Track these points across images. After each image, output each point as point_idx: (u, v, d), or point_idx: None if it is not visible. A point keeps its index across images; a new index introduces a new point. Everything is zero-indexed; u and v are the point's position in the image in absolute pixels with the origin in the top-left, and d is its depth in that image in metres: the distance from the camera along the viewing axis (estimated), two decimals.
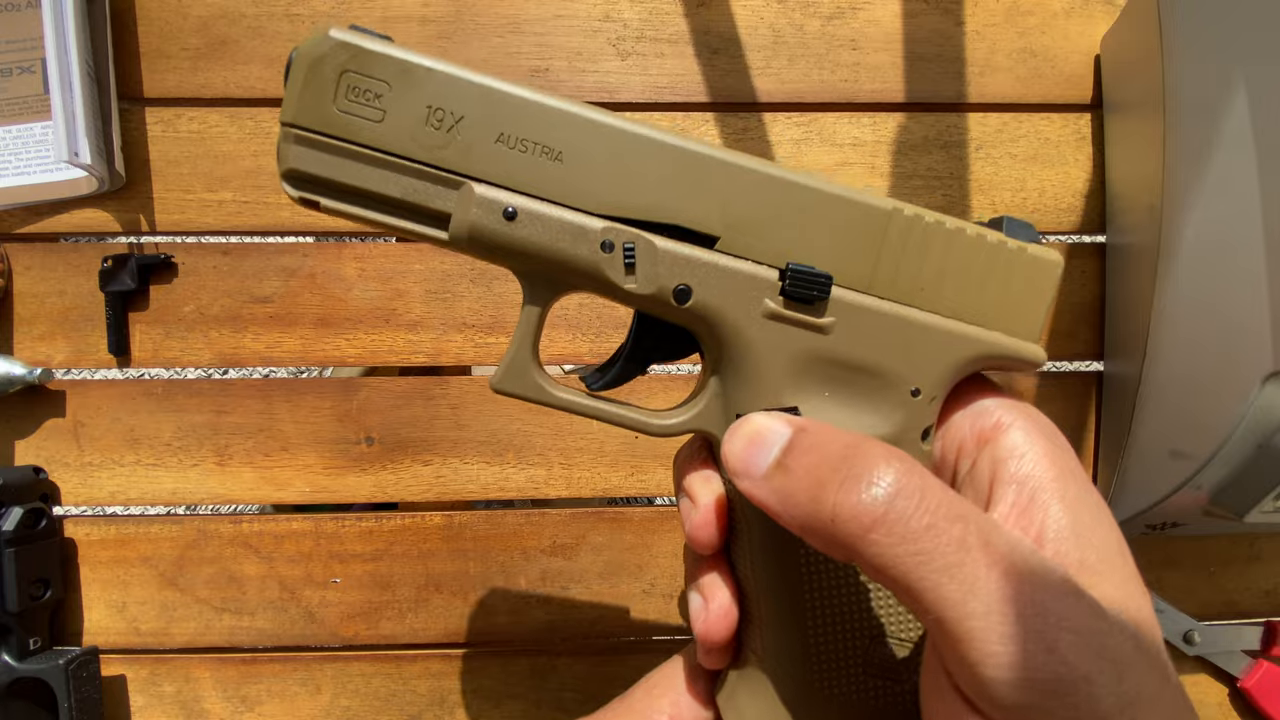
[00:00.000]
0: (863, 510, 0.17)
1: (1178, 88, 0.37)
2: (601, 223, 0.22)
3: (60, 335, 0.42)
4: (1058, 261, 0.24)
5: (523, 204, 0.21)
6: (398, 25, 0.43)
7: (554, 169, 0.21)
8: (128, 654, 0.42)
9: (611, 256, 0.22)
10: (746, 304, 0.22)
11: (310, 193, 0.21)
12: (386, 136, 0.21)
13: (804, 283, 0.22)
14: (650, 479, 0.42)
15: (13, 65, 0.41)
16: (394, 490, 0.42)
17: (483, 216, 0.21)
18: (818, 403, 0.23)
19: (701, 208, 0.22)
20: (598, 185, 0.21)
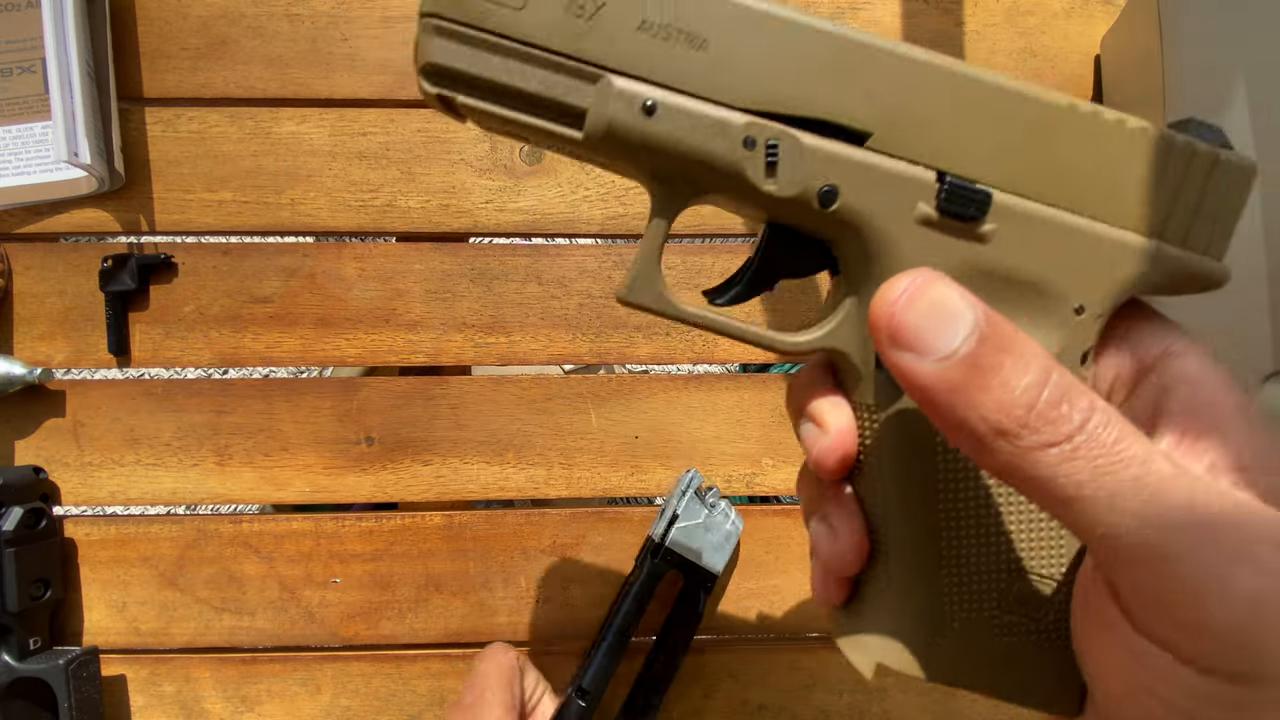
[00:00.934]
0: (1056, 434, 0.16)
1: (1178, 88, 0.37)
2: (745, 117, 0.20)
3: (60, 335, 0.42)
4: (1251, 168, 0.21)
5: (663, 98, 0.20)
6: (398, 25, 0.43)
7: (697, 59, 0.20)
8: (128, 654, 0.42)
9: (753, 154, 0.20)
10: (898, 208, 0.20)
11: (448, 89, 0.21)
12: (527, 25, 0.20)
13: (961, 199, 0.20)
14: (650, 479, 0.42)
15: (13, 65, 0.41)
16: (394, 490, 0.42)
17: (621, 111, 0.20)
18: None
19: (854, 101, 0.20)
20: (743, 76, 0.20)
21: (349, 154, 0.42)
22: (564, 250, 0.43)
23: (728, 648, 0.43)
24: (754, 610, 0.43)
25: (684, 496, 0.39)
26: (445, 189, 0.43)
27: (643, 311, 0.23)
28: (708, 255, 0.43)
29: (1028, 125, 0.21)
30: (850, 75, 0.20)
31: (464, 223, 0.43)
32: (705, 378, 0.43)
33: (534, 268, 0.43)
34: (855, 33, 0.20)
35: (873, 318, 0.18)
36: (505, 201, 0.43)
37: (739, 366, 0.66)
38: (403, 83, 0.43)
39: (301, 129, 0.42)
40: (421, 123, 0.43)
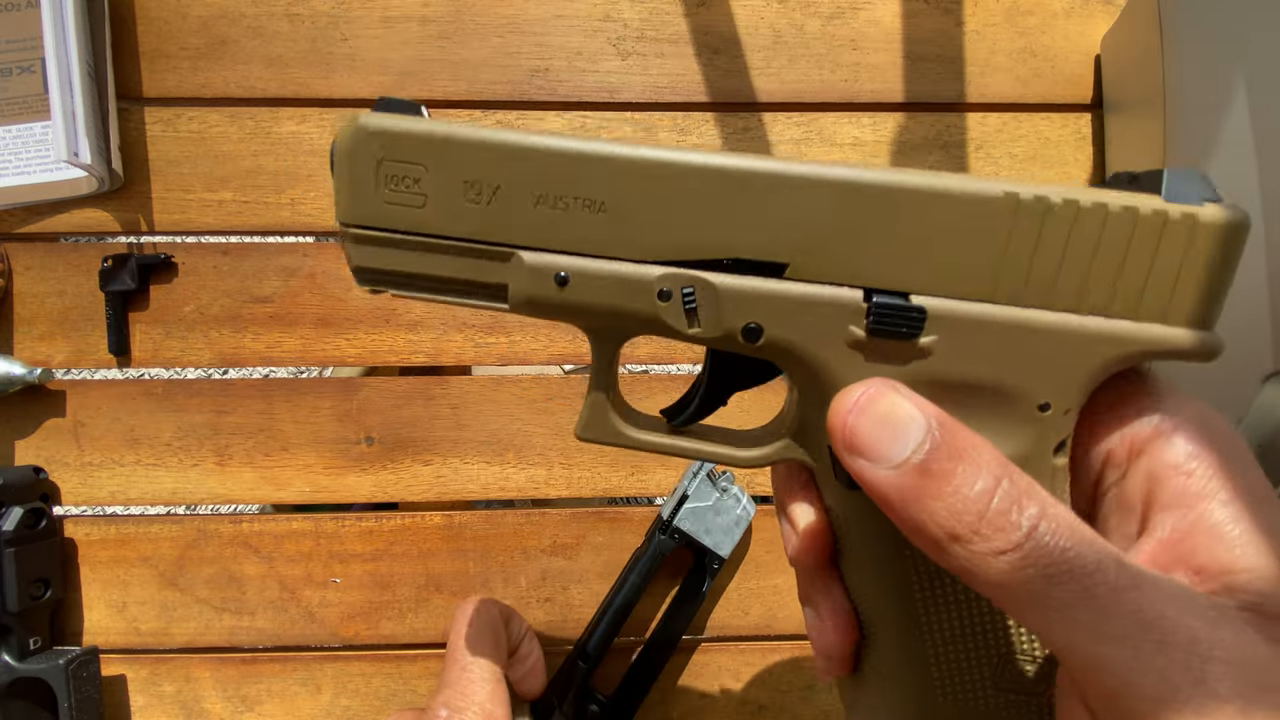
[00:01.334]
0: (1006, 541, 0.16)
1: (1178, 88, 0.37)
2: (658, 269, 0.20)
3: (60, 335, 0.42)
4: (1241, 223, 0.20)
5: (572, 265, 0.20)
6: (398, 25, 0.43)
7: (599, 221, 0.20)
8: (128, 654, 0.42)
9: (670, 304, 0.20)
10: (827, 334, 0.20)
11: (380, 285, 0.22)
12: (432, 220, 0.20)
13: (892, 319, 0.19)
14: (650, 479, 0.42)
15: (13, 65, 0.41)
16: (394, 490, 0.42)
17: (536, 286, 0.20)
18: None
19: (762, 233, 0.20)
20: (646, 230, 0.20)
21: None
22: None
23: (728, 648, 0.43)
24: (754, 610, 0.43)
25: (695, 478, 0.40)
26: None
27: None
28: None
29: (961, 225, 0.19)
30: (753, 207, 0.19)
31: None
32: None
33: None
34: (753, 160, 0.19)
35: (829, 426, 0.18)
36: None
37: None
38: (403, 83, 0.43)
39: (301, 129, 0.42)
40: None
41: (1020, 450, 0.19)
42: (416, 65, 0.43)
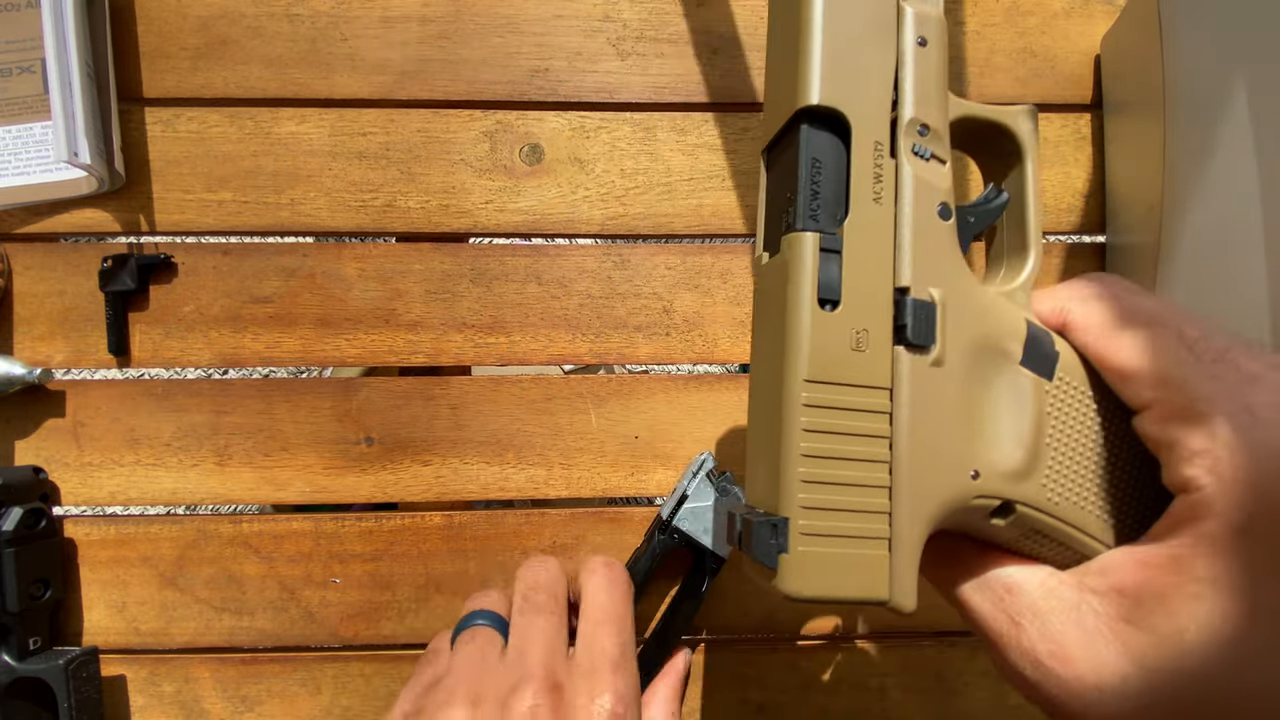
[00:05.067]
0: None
1: (1178, 88, 0.37)
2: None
3: (60, 335, 0.42)
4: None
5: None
6: (398, 25, 0.43)
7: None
8: (128, 654, 0.42)
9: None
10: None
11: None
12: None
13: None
14: (650, 479, 0.42)
15: (12, 65, 0.41)
16: (394, 490, 0.42)
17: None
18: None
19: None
20: None
21: (349, 154, 0.42)
22: (564, 250, 0.43)
23: (728, 648, 0.43)
24: (754, 610, 0.43)
25: (695, 477, 0.39)
26: (445, 189, 0.43)
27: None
28: (707, 255, 0.43)
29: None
30: None
31: (464, 223, 0.43)
32: (705, 378, 0.43)
33: (534, 268, 0.43)
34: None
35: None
36: (505, 202, 0.43)
37: (739, 366, 0.66)
38: (403, 83, 0.43)
39: (301, 129, 0.42)
40: (421, 123, 0.43)
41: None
42: (416, 65, 0.43)
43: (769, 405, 0.21)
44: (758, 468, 0.22)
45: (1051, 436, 0.22)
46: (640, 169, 0.43)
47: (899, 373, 0.21)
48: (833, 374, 0.20)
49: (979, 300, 0.22)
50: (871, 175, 0.21)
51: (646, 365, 0.44)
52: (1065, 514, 0.22)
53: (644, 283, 0.43)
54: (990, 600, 0.22)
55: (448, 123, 0.43)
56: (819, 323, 0.20)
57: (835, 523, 0.20)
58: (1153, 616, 0.19)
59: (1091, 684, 0.19)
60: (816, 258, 0.20)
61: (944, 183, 0.22)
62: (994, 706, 0.43)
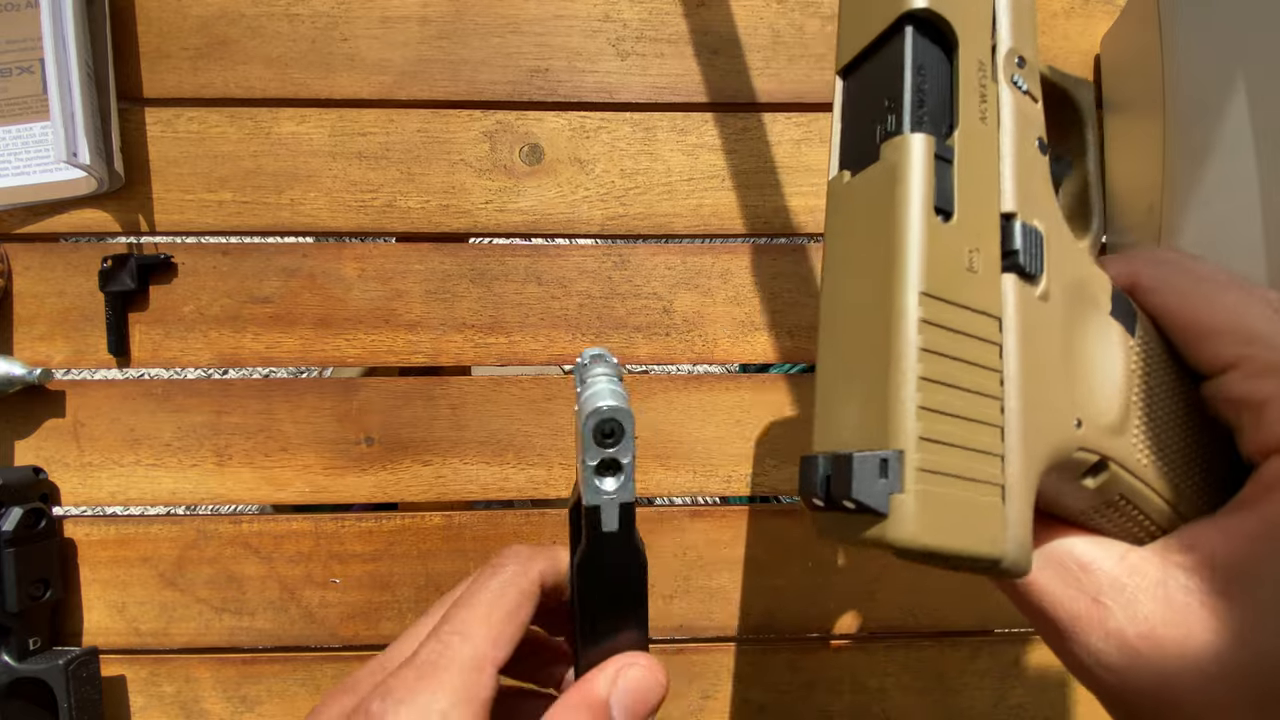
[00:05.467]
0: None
1: (1178, 88, 0.37)
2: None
3: (60, 335, 0.42)
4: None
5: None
6: (398, 25, 0.43)
7: None
8: (127, 654, 0.42)
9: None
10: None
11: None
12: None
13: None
14: (650, 479, 0.42)
15: (12, 65, 0.41)
16: (394, 490, 0.42)
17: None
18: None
19: None
20: None
21: (349, 154, 0.42)
22: (564, 250, 0.43)
23: (728, 648, 0.43)
24: (754, 610, 0.43)
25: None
26: (445, 189, 0.43)
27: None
28: (707, 255, 0.43)
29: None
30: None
31: (464, 223, 0.43)
32: (705, 378, 0.43)
33: (534, 268, 0.43)
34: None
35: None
36: (505, 202, 0.43)
37: (739, 366, 0.66)
38: (402, 83, 0.43)
39: (301, 129, 0.42)
40: (421, 123, 0.43)
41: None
42: (416, 65, 0.43)
43: (868, 328, 0.18)
44: (843, 405, 0.19)
45: (1137, 395, 0.21)
46: (640, 169, 0.43)
47: (1008, 302, 0.19)
48: (949, 292, 0.18)
49: (1071, 241, 0.21)
50: (978, 93, 0.19)
51: (646, 365, 0.44)
52: (1151, 479, 0.21)
53: (644, 283, 0.43)
54: (1063, 579, 0.20)
55: (448, 123, 0.43)
56: (936, 232, 0.18)
57: (952, 459, 0.17)
58: (1253, 588, 0.17)
59: (1192, 666, 0.17)
60: (931, 160, 0.18)
61: (1040, 118, 0.21)
62: (994, 706, 0.43)
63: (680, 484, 0.42)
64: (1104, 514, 0.21)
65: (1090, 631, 0.19)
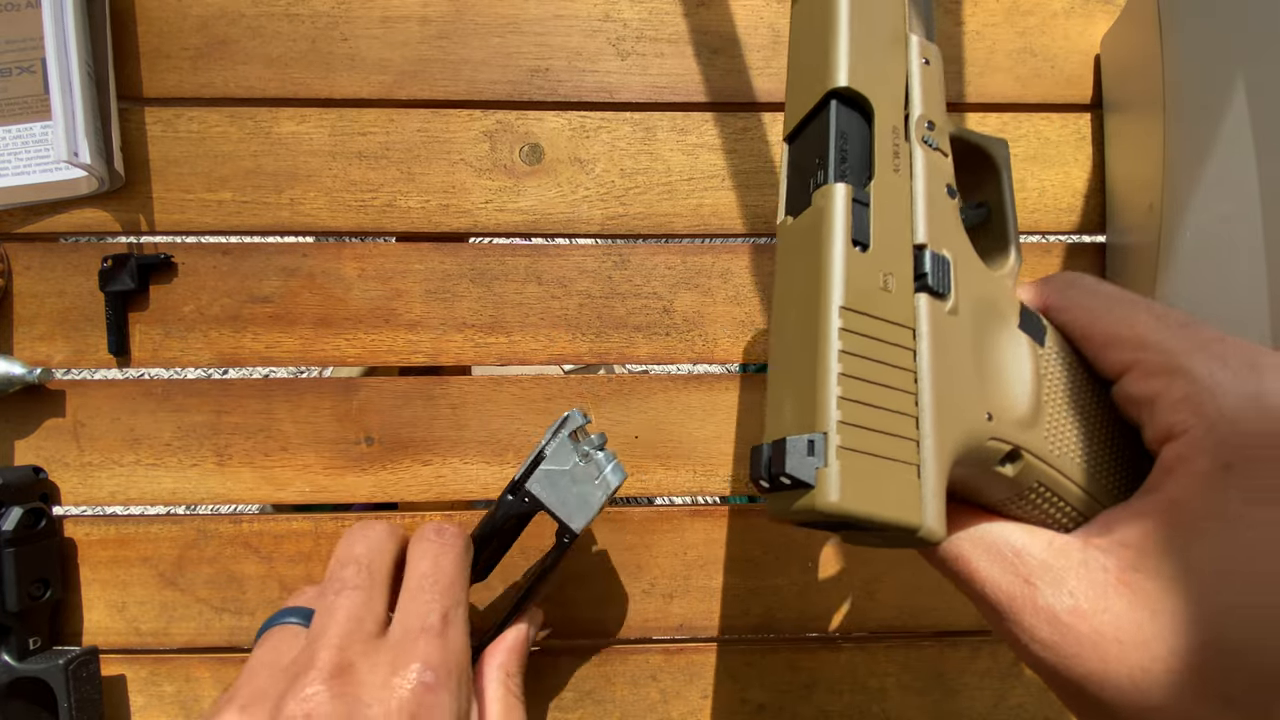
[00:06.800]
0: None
1: (1178, 88, 0.37)
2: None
3: (60, 335, 0.42)
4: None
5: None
6: (398, 25, 0.43)
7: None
8: (128, 654, 0.42)
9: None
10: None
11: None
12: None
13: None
14: (650, 479, 0.42)
15: (13, 65, 0.41)
16: (394, 490, 0.42)
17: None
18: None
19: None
20: None
21: (349, 154, 0.42)
22: (564, 250, 0.43)
23: (728, 648, 0.43)
24: (754, 610, 0.43)
25: (555, 437, 0.34)
26: (445, 189, 0.43)
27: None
28: (707, 255, 0.43)
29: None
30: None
31: (464, 223, 0.43)
32: (705, 378, 0.43)
33: (534, 268, 0.43)
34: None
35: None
36: (505, 201, 0.43)
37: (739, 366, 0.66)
38: (402, 83, 0.43)
39: (301, 129, 0.42)
40: (421, 123, 0.43)
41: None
42: (416, 65, 0.43)
43: (802, 337, 0.22)
44: (784, 403, 0.23)
45: (1048, 396, 0.24)
46: (640, 169, 0.43)
47: (920, 315, 0.23)
48: (866, 306, 0.22)
49: (980, 268, 0.25)
50: (891, 151, 0.24)
51: (646, 365, 0.44)
52: (1065, 468, 0.24)
53: (644, 283, 0.43)
54: (999, 564, 0.22)
55: (448, 123, 0.43)
56: (853, 259, 0.22)
57: (870, 441, 0.21)
58: (1159, 562, 0.19)
59: (1111, 637, 0.19)
60: (849, 204, 0.23)
61: (949, 170, 0.25)
62: (994, 706, 0.43)
63: (680, 484, 0.42)
64: (1029, 501, 0.24)
65: (1024, 611, 0.21)
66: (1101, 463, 0.24)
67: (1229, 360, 0.20)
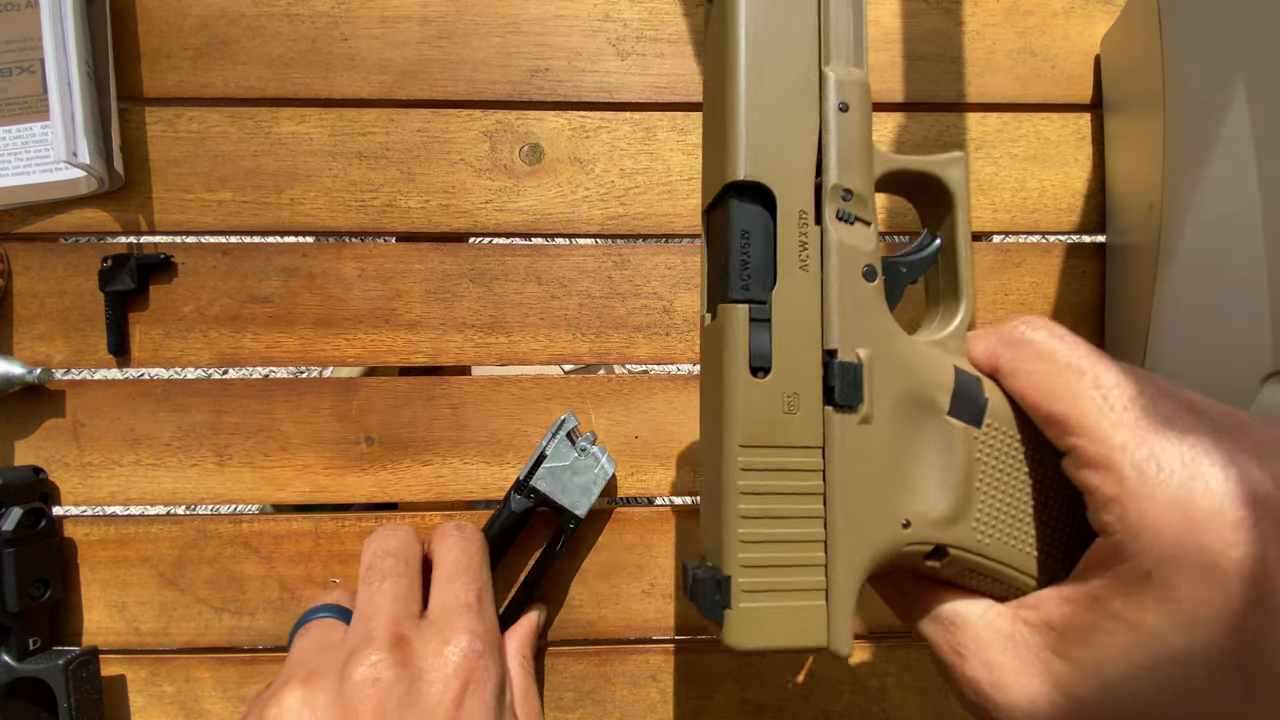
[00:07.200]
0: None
1: (1178, 88, 0.37)
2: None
3: (60, 335, 0.42)
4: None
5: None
6: (398, 25, 0.43)
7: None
8: (127, 654, 0.42)
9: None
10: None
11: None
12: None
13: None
14: (650, 479, 0.42)
15: (12, 65, 0.41)
16: (394, 490, 0.42)
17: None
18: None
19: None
20: None
21: (349, 154, 0.42)
22: (564, 250, 0.43)
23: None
24: None
25: (555, 438, 0.40)
26: (445, 189, 0.43)
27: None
28: None
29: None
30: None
31: (464, 223, 0.43)
32: None
33: (534, 268, 0.43)
34: None
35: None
36: (505, 201, 0.43)
37: None
38: (402, 83, 0.43)
39: (301, 129, 0.42)
40: (421, 123, 0.43)
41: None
42: (416, 65, 0.43)
43: (712, 467, 0.22)
44: (707, 524, 0.23)
45: (982, 481, 0.23)
46: (640, 169, 0.43)
47: (829, 432, 0.22)
48: (766, 438, 0.21)
49: (906, 356, 0.23)
50: (797, 244, 0.22)
51: (646, 365, 0.44)
52: (997, 554, 0.23)
53: (644, 283, 0.43)
54: (939, 633, 0.24)
55: (448, 123, 0.43)
56: (751, 390, 0.21)
57: (774, 578, 0.21)
58: (1075, 649, 0.20)
59: (1024, 711, 0.21)
60: (747, 329, 0.22)
61: (869, 245, 0.23)
62: None
63: (680, 484, 0.42)
64: (970, 578, 0.24)
65: (954, 677, 0.23)
66: (1043, 541, 0.24)
67: (1164, 462, 0.19)
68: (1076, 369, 0.22)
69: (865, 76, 0.23)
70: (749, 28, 0.22)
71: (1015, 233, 0.45)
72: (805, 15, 0.22)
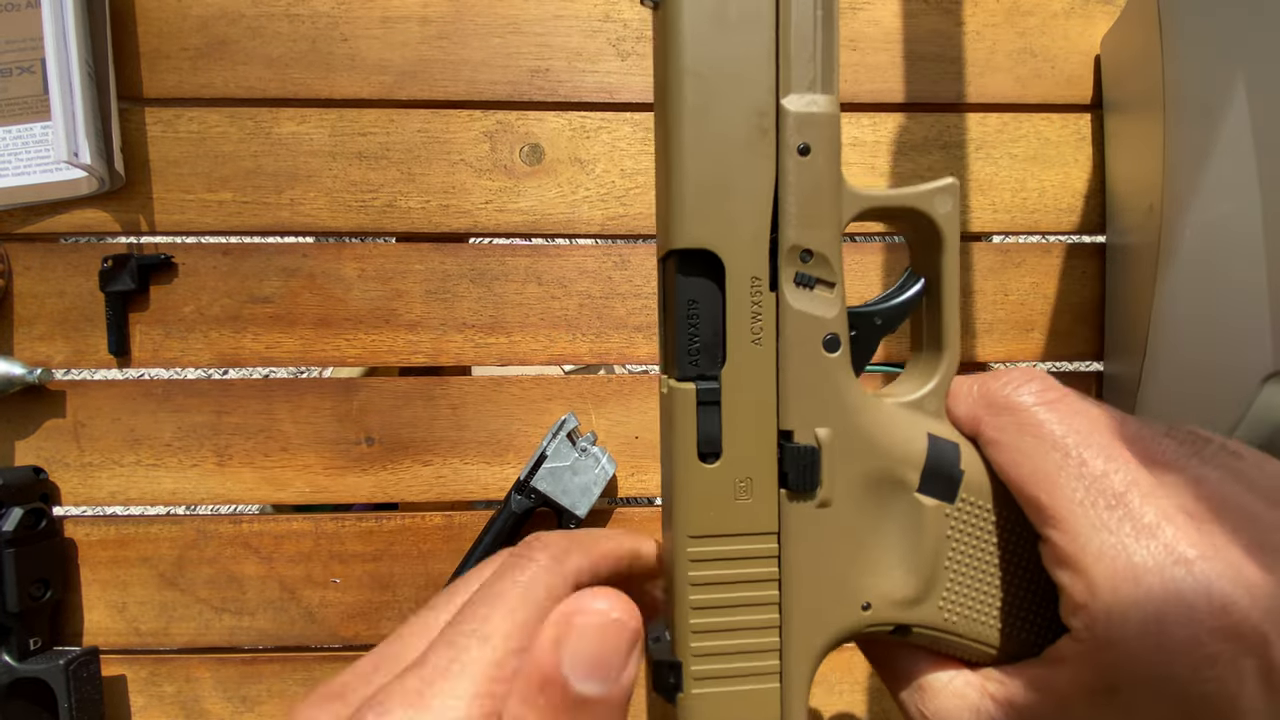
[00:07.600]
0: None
1: (1178, 88, 0.37)
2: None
3: (60, 335, 0.42)
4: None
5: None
6: (398, 25, 0.43)
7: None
8: (128, 654, 0.42)
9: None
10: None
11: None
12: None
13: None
14: (650, 479, 0.42)
15: (13, 65, 0.41)
16: (394, 490, 0.42)
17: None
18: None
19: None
20: None
21: (349, 154, 0.42)
22: (564, 250, 0.43)
23: None
24: None
25: (555, 438, 0.40)
26: (445, 189, 0.43)
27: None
28: None
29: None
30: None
31: (464, 223, 0.43)
32: None
33: (534, 268, 0.43)
34: None
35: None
36: (505, 202, 0.43)
37: None
38: (402, 83, 0.43)
39: (301, 129, 0.42)
40: (421, 123, 0.43)
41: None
42: (416, 65, 0.43)
43: (666, 546, 0.21)
44: (666, 593, 0.22)
45: (952, 559, 0.22)
46: (640, 169, 0.43)
47: (784, 518, 0.21)
48: (716, 526, 0.20)
49: (872, 432, 0.21)
50: (749, 314, 0.20)
51: (646, 365, 0.44)
52: (965, 631, 0.23)
53: (644, 283, 0.43)
54: (913, 699, 0.24)
55: (448, 123, 0.43)
56: (700, 477, 0.20)
57: (727, 664, 0.21)
58: None
59: None
60: (695, 413, 0.20)
61: (831, 311, 0.20)
62: None
63: None
64: (934, 644, 0.23)
65: None
66: (1015, 617, 0.23)
67: (1141, 579, 0.18)
68: (1061, 449, 0.20)
69: (834, 104, 0.20)
70: (691, 53, 0.19)
71: (1015, 233, 0.45)
72: (758, 35, 0.19)
